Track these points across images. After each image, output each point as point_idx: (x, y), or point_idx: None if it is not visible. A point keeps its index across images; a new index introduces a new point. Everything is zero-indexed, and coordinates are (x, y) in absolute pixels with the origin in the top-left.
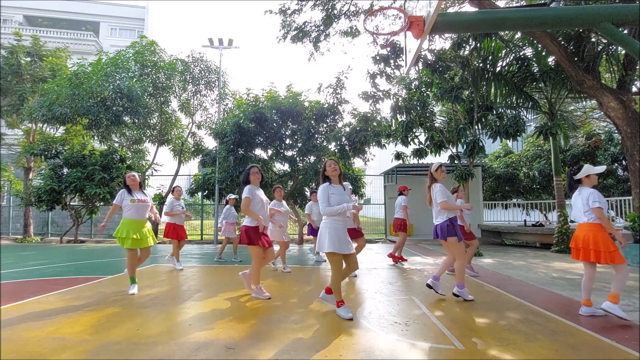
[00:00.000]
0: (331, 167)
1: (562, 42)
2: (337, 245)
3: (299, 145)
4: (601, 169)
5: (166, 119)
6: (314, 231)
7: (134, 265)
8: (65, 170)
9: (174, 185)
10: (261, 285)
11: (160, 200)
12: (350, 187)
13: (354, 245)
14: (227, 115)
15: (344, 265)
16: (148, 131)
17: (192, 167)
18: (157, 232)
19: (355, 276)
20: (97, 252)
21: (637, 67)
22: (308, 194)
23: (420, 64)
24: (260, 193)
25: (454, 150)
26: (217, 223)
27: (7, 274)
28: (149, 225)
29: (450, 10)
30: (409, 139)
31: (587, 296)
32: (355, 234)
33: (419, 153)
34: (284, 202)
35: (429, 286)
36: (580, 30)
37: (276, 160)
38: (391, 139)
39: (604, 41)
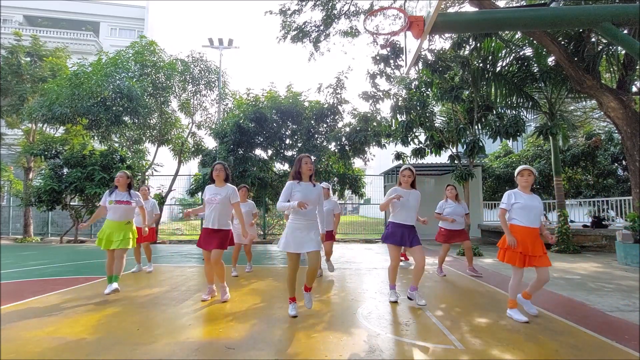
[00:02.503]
0: (307, 165)
1: (562, 42)
2: (292, 245)
3: (299, 145)
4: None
5: (166, 119)
6: None
7: (109, 265)
8: (65, 170)
9: (141, 186)
10: (212, 287)
11: (160, 200)
12: (327, 186)
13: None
14: (227, 115)
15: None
16: (148, 131)
17: (192, 167)
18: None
19: (332, 270)
20: (97, 252)
21: (637, 67)
22: None
23: (420, 64)
24: (217, 192)
25: (454, 150)
26: None
27: (7, 274)
28: (132, 227)
29: (450, 10)
30: (409, 139)
31: (512, 296)
32: (327, 236)
33: (419, 153)
34: (248, 202)
35: (409, 298)
36: (580, 30)
37: (276, 160)
38: (391, 139)
39: (604, 41)
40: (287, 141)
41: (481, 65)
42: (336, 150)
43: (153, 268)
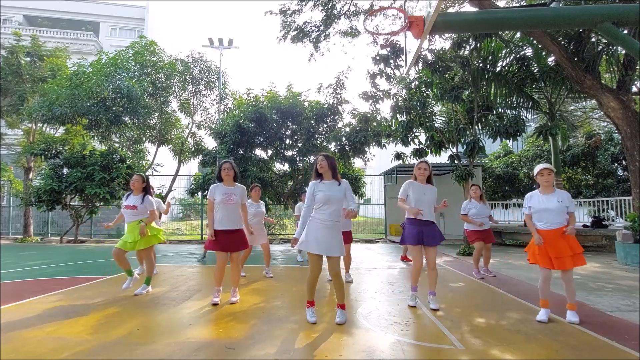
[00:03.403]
0: (319, 163)
1: (562, 42)
2: (314, 246)
3: (299, 145)
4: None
5: (166, 119)
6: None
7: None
8: (65, 170)
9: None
10: (219, 289)
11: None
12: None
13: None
14: (227, 115)
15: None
16: (148, 131)
17: (192, 167)
18: None
19: (351, 282)
20: (97, 252)
21: (637, 67)
22: None
23: (420, 64)
24: (230, 191)
25: (454, 150)
26: None
27: (7, 274)
28: (150, 225)
29: (450, 10)
30: (409, 139)
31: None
32: (347, 238)
33: (419, 153)
34: (261, 203)
35: (434, 310)
36: (580, 30)
37: (276, 160)
38: (391, 139)
39: (604, 41)
40: (287, 141)
41: (481, 65)
42: (336, 150)
43: (156, 271)
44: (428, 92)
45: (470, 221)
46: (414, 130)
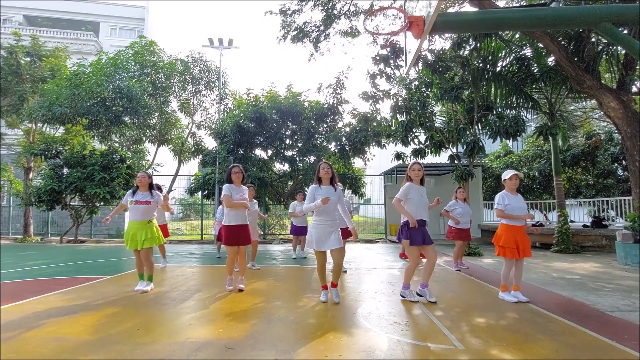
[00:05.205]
0: (324, 170)
1: (562, 42)
2: (314, 244)
3: (299, 145)
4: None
5: (166, 119)
6: (294, 230)
7: (138, 264)
8: (65, 170)
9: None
10: (232, 278)
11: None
12: (341, 187)
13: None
14: (227, 115)
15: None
16: (148, 131)
17: (192, 167)
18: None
19: (345, 271)
20: (97, 252)
21: (637, 67)
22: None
23: (420, 64)
24: (241, 192)
25: (454, 150)
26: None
27: (7, 274)
28: (154, 225)
29: (450, 10)
30: (409, 139)
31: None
32: (345, 234)
33: (419, 153)
34: (255, 202)
35: (418, 294)
36: (580, 30)
37: (276, 160)
38: (391, 139)
39: (604, 41)
40: (287, 141)
41: (481, 65)
42: (336, 150)
43: (166, 265)
44: (428, 92)
45: (450, 217)
46: (414, 130)
